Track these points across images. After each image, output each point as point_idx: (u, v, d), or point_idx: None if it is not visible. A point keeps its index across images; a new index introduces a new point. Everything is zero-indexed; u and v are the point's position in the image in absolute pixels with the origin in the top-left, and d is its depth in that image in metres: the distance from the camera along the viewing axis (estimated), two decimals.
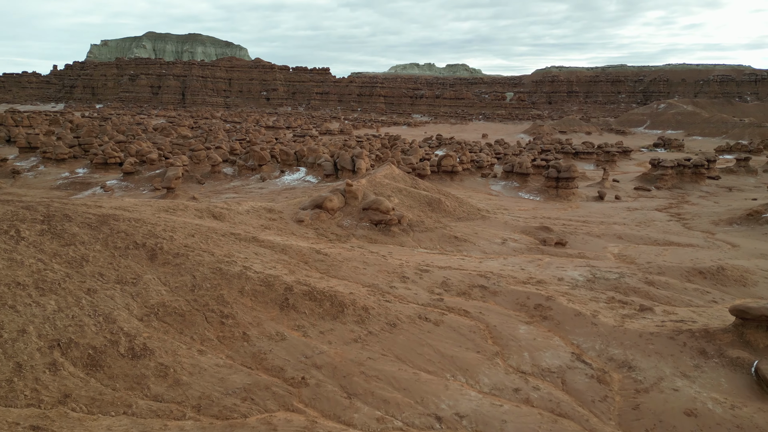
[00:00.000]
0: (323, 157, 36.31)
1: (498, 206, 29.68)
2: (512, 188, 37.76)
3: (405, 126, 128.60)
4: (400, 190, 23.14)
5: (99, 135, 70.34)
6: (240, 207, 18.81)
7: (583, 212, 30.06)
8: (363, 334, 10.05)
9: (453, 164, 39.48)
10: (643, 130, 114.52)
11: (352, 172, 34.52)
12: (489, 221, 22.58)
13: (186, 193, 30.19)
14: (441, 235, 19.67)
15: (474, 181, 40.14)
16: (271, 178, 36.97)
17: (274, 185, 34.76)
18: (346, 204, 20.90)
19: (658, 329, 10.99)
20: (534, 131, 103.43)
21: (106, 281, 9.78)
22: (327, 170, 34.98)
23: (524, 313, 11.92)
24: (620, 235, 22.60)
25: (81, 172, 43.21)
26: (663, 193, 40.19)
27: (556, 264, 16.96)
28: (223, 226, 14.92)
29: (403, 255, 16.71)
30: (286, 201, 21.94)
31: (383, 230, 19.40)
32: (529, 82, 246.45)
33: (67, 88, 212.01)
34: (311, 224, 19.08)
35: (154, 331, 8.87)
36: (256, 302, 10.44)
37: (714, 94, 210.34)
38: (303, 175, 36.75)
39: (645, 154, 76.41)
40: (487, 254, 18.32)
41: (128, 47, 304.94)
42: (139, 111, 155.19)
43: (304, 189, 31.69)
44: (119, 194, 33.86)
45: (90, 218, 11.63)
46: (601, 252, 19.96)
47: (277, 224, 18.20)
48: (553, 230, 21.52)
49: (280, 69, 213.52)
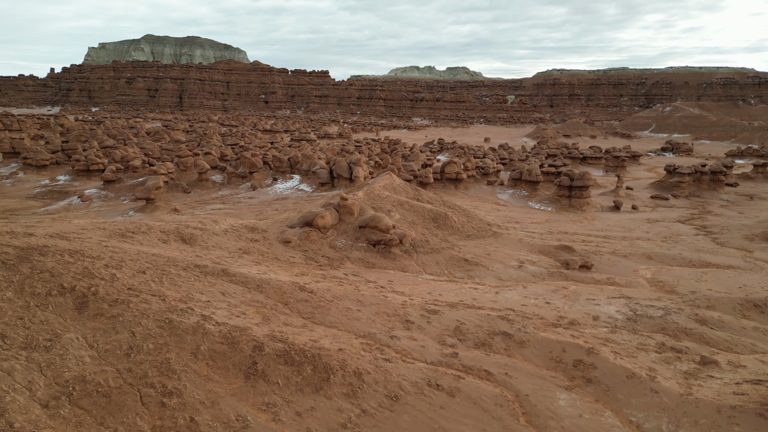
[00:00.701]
0: (318, 164, 33.83)
1: (508, 219, 27.17)
2: (521, 197, 35.24)
3: (405, 129, 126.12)
4: (401, 203, 20.63)
5: (89, 139, 67.89)
6: (217, 226, 16.30)
7: (601, 225, 27.55)
8: (354, 415, 7.51)
9: (457, 171, 36.98)
10: (649, 133, 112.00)
11: (349, 180, 32.06)
12: (502, 239, 20.06)
13: (168, 204, 27.67)
14: (449, 257, 17.16)
15: (480, 189, 37.63)
16: (263, 186, 34.46)
17: (265, 194, 32.26)
18: (341, 221, 18.39)
19: (739, 399, 8.46)
20: (537, 135, 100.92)
21: (9, 346, 7.25)
22: (322, 178, 32.50)
23: (561, 372, 9.38)
24: (649, 254, 20.07)
25: (62, 180, 40.72)
26: (681, 202, 37.68)
27: (585, 294, 14.44)
28: (188, 254, 12.37)
29: (406, 284, 14.20)
30: (272, 218, 19.40)
31: (383, 252, 16.89)
32: (530, 85, 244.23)
33: (63, 92, 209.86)
34: (299, 245, 16.57)
35: (60, 425, 6.34)
36: (214, 368, 7.90)
37: (717, 97, 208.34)
38: (296, 184, 34.26)
39: (653, 159, 73.96)
40: (503, 281, 15.80)
41: (126, 50, 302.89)
42: (135, 114, 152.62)
43: (297, 199, 29.19)
44: (97, 204, 31.36)
45: (7, 253, 9.11)
46: (632, 276, 17.45)
47: (260, 246, 15.68)
48: (574, 249, 19.00)
49: (279, 72, 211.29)
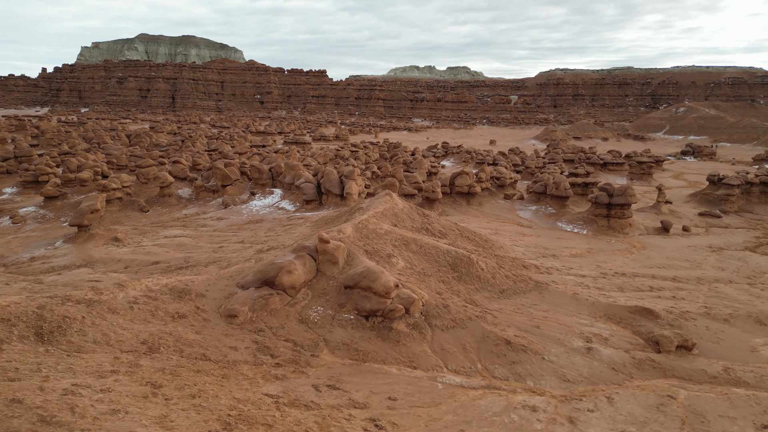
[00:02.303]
0: (303, 177, 27.97)
1: (540, 250, 21.30)
2: (547, 215, 29.39)
3: (405, 131, 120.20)
4: (406, 242, 14.78)
5: (61, 143, 62.09)
6: (122, 293, 10.48)
7: (658, 257, 21.70)
8: None
9: (470, 184, 31.14)
10: (663, 135, 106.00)
11: (339, 197, 26.25)
12: (549, 294, 14.22)
13: (108, 231, 21.76)
14: (481, 335, 11.33)
15: (496, 205, 31.78)
16: (237, 203, 28.61)
17: (238, 214, 26.42)
18: (319, 274, 12.57)
19: None
20: (546, 137, 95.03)
21: None
22: (307, 194, 26.66)
23: None
24: (756, 315, 14.24)
25: (8, 193, 34.84)
26: (734, 219, 31.85)
27: (710, 411, 8.67)
28: (26, 380, 6.55)
29: (417, 405, 8.41)
30: (217, 272, 13.50)
31: (380, 329, 11.07)
32: (532, 85, 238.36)
33: (53, 92, 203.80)
34: (251, 322, 10.75)
35: None
36: None
37: (726, 97, 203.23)
38: (278, 200, 28.45)
39: (676, 164, 68.13)
40: (570, 384, 9.97)
41: (120, 50, 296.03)
42: (125, 115, 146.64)
43: (274, 223, 23.33)
44: (30, 227, 25.50)
45: None
46: (752, 360, 11.66)
47: (183, 329, 9.87)
48: (657, 314, 13.17)
49: (275, 71, 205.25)
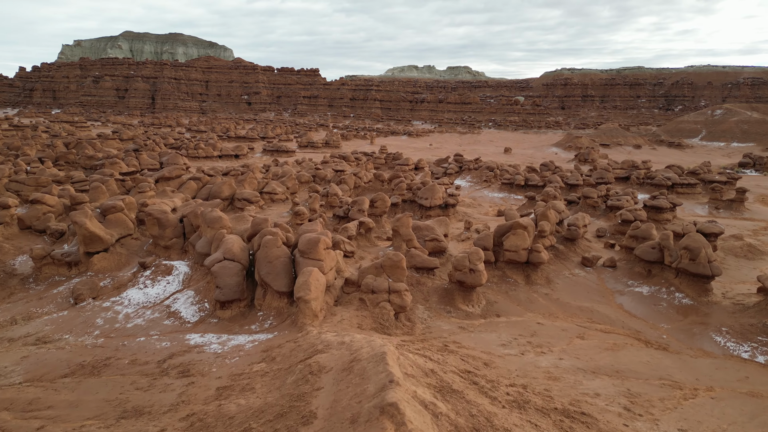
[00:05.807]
0: (224, 246, 14.53)
1: None
2: (676, 310, 16.04)
3: (405, 136, 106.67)
4: None
5: None
6: None
7: None
8: None
9: (529, 247, 17.81)
10: (699, 141, 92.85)
11: (286, 297, 12.86)
12: None
13: None
14: None
15: (574, 282, 18.36)
16: (102, 291, 15.17)
17: (87, 327, 12.96)
18: None
19: None
20: (570, 144, 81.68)
21: None
22: (225, 287, 13.28)
23: None
24: None
25: None
26: None
27: None
28: None
29: None
30: None
31: None
32: (538, 86, 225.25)
33: (26, 92, 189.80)
34: None
35: None
36: None
37: (745, 98, 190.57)
38: (174, 289, 14.96)
39: (742, 179, 54.99)
40: None
41: (103, 48, 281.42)
42: (97, 117, 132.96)
43: (139, 372, 9.87)
44: None
45: None
46: None
47: None
48: None
49: (264, 70, 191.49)
